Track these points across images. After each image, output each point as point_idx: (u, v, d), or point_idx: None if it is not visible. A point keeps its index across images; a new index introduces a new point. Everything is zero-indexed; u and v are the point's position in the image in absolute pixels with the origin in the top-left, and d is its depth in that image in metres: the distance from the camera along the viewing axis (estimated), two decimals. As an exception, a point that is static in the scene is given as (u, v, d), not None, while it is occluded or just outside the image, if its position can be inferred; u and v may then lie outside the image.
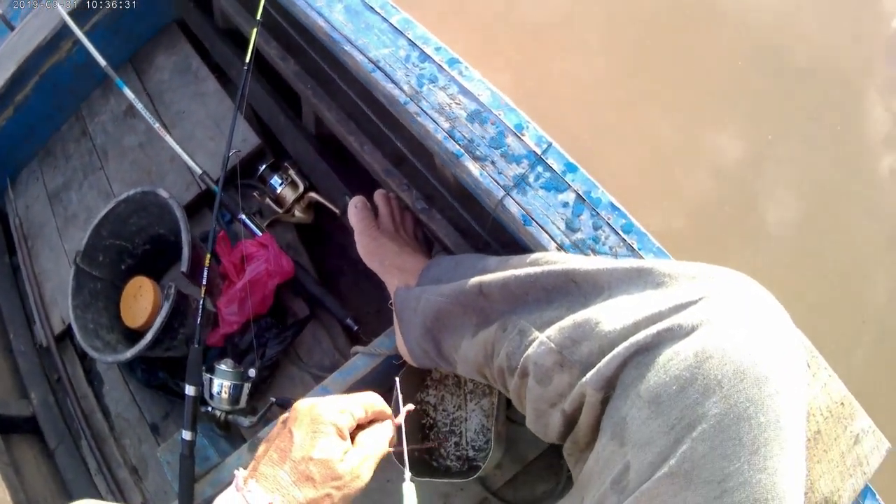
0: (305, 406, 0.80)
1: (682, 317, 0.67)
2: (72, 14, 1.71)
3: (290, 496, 0.72)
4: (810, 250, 2.21)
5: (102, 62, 1.66)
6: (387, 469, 0.88)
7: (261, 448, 0.79)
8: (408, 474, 0.83)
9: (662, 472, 0.63)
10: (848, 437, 0.79)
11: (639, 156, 2.36)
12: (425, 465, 1.36)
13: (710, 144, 2.37)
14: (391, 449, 0.85)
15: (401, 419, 0.88)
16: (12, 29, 1.87)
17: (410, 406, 0.91)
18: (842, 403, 0.80)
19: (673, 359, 0.66)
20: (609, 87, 2.49)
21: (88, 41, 1.68)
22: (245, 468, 0.75)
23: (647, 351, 0.68)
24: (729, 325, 0.65)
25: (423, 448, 1.33)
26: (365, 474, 0.78)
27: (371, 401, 0.85)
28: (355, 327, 1.55)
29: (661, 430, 0.64)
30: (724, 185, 2.32)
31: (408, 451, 0.87)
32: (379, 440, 0.83)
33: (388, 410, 0.87)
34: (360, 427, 0.84)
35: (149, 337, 1.41)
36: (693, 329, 0.66)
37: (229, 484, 0.73)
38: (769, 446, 0.61)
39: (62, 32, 1.78)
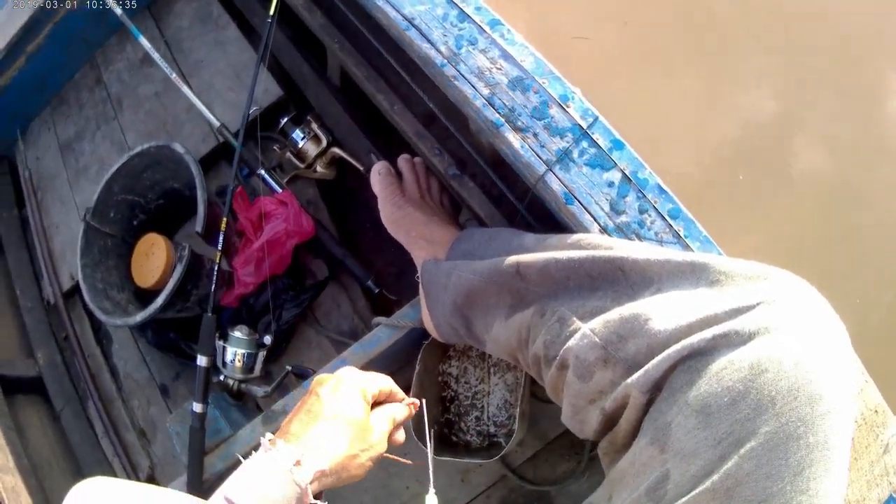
0: (331, 374, 0.82)
1: (739, 322, 0.63)
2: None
3: (320, 453, 0.73)
4: (837, 208, 2.16)
5: (118, 10, 1.60)
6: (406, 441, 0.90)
7: (288, 416, 0.80)
8: (432, 490, 0.85)
9: (704, 487, 0.60)
10: (878, 445, 0.75)
11: (663, 112, 2.31)
12: (444, 440, 1.32)
13: (737, 102, 2.31)
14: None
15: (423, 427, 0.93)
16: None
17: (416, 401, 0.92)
18: (876, 411, 0.76)
19: (727, 367, 0.62)
20: (631, 49, 2.42)
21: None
22: (259, 441, 0.75)
23: (699, 356, 0.64)
24: (787, 337, 0.61)
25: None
26: (383, 442, 0.81)
27: (385, 382, 0.87)
28: (376, 290, 1.50)
29: (707, 443, 0.61)
30: (752, 140, 2.27)
31: (424, 451, 0.93)
32: (393, 415, 0.85)
33: (401, 394, 0.90)
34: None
35: (160, 300, 1.36)
36: (750, 337, 0.62)
37: (239, 459, 0.73)
38: (814, 468, 0.58)
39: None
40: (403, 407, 0.88)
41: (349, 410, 0.77)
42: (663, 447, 0.64)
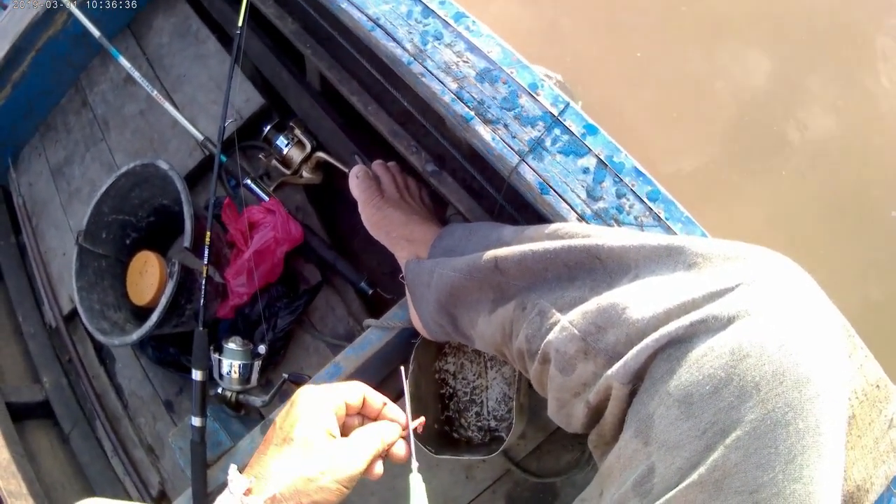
0: (296, 392, 0.78)
1: (718, 306, 0.61)
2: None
3: (269, 480, 0.69)
4: (834, 177, 2.15)
5: (96, 33, 1.59)
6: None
7: None
8: (415, 464, 0.80)
9: (691, 480, 0.58)
10: (882, 421, 0.73)
11: (658, 92, 2.30)
12: (446, 437, 1.32)
13: (732, 73, 2.30)
14: (392, 449, 0.81)
15: (408, 403, 0.85)
16: (4, 7, 1.80)
17: (421, 419, 0.87)
18: (877, 386, 0.74)
19: (707, 355, 0.60)
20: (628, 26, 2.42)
21: (82, 12, 1.61)
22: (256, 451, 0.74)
23: (679, 343, 0.63)
24: (768, 318, 0.59)
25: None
26: (358, 458, 0.74)
27: (353, 393, 0.81)
28: (370, 291, 1.49)
29: (691, 434, 0.59)
30: (747, 113, 2.26)
31: (421, 432, 0.86)
32: (381, 435, 0.79)
33: (378, 400, 0.83)
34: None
35: (154, 318, 1.36)
36: (729, 321, 0.60)
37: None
38: (806, 454, 0.56)
39: (56, 5, 1.70)
40: (393, 426, 0.82)
41: (299, 431, 0.73)
42: (647, 440, 0.63)
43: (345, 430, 0.79)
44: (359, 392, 0.81)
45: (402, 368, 0.91)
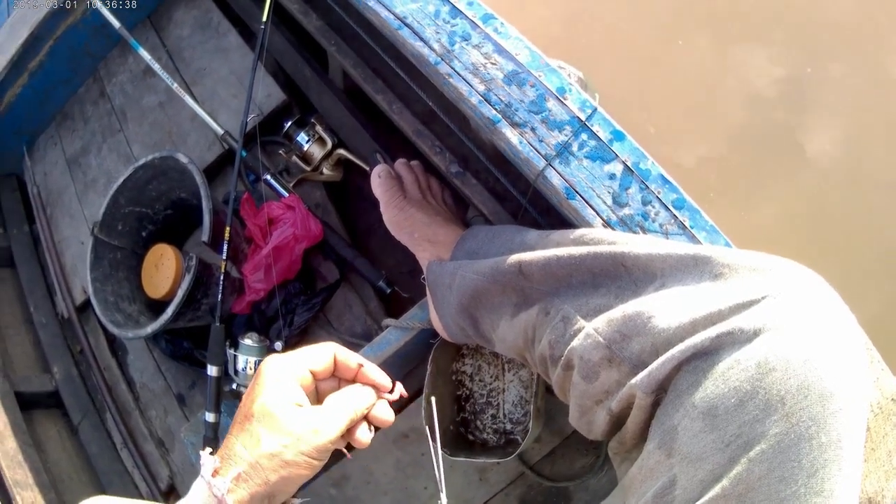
0: (261, 364, 0.74)
1: (744, 319, 0.61)
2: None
3: (235, 459, 0.66)
4: (850, 177, 2.14)
5: (116, 24, 1.59)
6: (422, 443, 0.82)
7: None
8: (443, 496, 0.77)
9: (714, 493, 0.58)
10: None
11: (675, 88, 2.30)
12: (461, 438, 1.31)
13: (746, 74, 2.29)
14: (375, 412, 0.75)
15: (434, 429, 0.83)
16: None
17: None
18: (893, 399, 0.74)
19: (733, 367, 0.60)
20: (643, 24, 2.41)
21: (102, 3, 1.61)
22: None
23: (704, 356, 0.62)
24: (794, 332, 0.59)
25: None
26: (326, 429, 0.69)
27: (320, 357, 0.75)
28: (388, 290, 1.49)
29: (715, 447, 0.59)
30: (762, 113, 2.25)
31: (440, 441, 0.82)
32: (353, 402, 0.73)
33: (354, 361, 0.76)
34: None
35: (170, 311, 1.36)
36: (755, 334, 0.60)
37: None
38: (828, 468, 0.56)
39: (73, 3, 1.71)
40: (367, 391, 0.75)
41: (258, 406, 0.68)
42: (670, 451, 0.63)
43: (320, 396, 0.75)
44: (327, 354, 0.75)
45: (434, 348, 0.87)
